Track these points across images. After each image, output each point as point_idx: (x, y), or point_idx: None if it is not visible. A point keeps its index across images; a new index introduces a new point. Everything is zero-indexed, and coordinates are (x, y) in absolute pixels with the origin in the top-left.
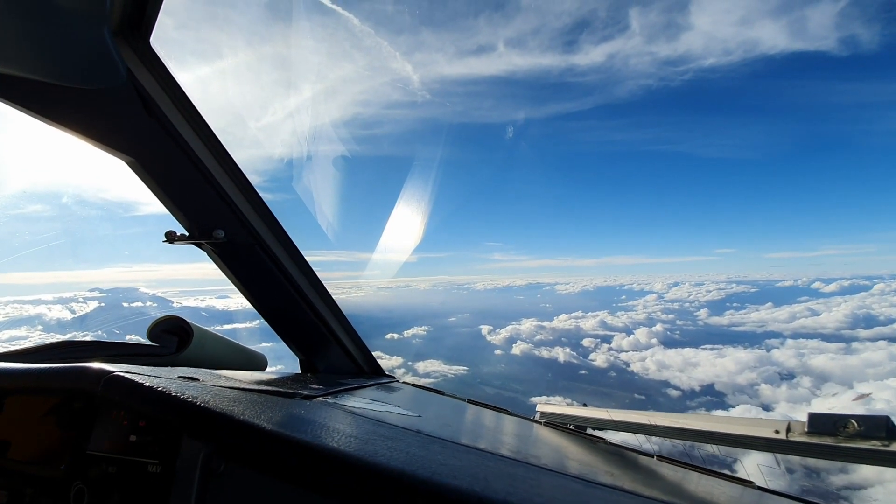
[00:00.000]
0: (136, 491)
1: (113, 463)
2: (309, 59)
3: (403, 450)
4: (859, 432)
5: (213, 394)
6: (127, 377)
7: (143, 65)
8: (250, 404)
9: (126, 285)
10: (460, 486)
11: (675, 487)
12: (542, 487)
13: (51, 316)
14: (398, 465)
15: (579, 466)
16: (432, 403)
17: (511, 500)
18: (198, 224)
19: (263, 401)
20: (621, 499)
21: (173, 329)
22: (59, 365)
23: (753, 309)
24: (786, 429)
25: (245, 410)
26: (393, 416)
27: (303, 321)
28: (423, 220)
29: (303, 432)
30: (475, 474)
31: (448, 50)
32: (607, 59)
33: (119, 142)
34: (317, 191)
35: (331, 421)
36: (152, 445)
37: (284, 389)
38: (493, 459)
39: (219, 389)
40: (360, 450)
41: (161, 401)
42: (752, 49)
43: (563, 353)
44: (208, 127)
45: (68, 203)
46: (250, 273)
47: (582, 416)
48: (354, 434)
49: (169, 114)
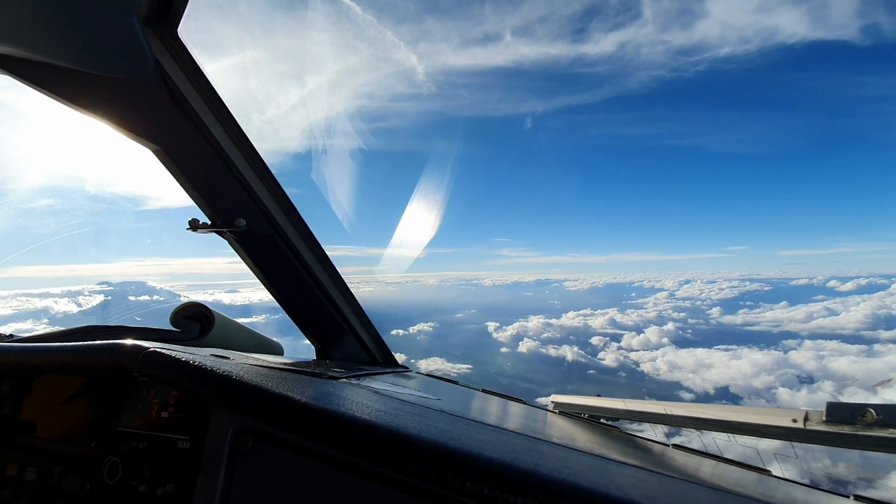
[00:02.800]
0: (166, 466)
1: (143, 439)
2: (316, 50)
3: (432, 424)
4: (878, 420)
5: (245, 370)
6: (164, 352)
7: (170, 55)
8: (281, 380)
9: (137, 279)
10: (491, 456)
11: (694, 473)
12: (568, 462)
13: (57, 309)
14: (430, 436)
15: (600, 449)
16: (449, 391)
17: (540, 469)
18: (220, 213)
19: (293, 378)
20: (648, 477)
21: (195, 315)
22: (95, 342)
23: (768, 308)
24: (803, 418)
25: (278, 385)
26: (416, 398)
27: (319, 310)
28: (431, 216)
29: (334, 405)
30: (503, 447)
31: (453, 39)
32: (618, 48)
33: (145, 130)
34: (326, 184)
35: (360, 398)
36: (182, 423)
37: (310, 370)
38: (518, 437)
39: (250, 367)
40: (393, 422)
41: (197, 375)
42: (771, 37)
43: (571, 352)
44: (232, 117)
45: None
46: (270, 261)
47: (596, 406)
48: (384, 410)
49: (194, 103)
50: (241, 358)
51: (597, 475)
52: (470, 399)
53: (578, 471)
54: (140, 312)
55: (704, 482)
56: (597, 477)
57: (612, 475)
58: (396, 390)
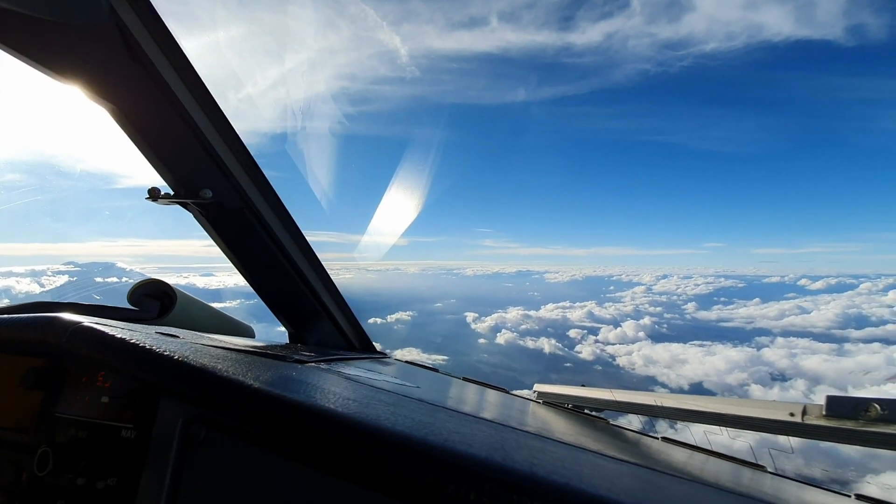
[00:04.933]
0: (106, 457)
1: (83, 427)
2: (294, 24)
3: (409, 416)
4: (882, 416)
5: (193, 350)
6: (96, 328)
7: (127, 2)
8: (236, 363)
9: (107, 259)
10: (479, 455)
11: (686, 468)
12: (564, 460)
13: (19, 289)
14: (404, 429)
15: (593, 443)
16: (429, 378)
17: (537, 471)
18: (183, 182)
19: (251, 360)
20: (649, 475)
21: (155, 293)
22: (26, 315)
23: (741, 304)
24: (801, 412)
25: (230, 368)
26: (391, 385)
27: (293, 292)
28: (413, 203)
29: (296, 392)
30: (492, 444)
31: (438, 21)
32: (605, 38)
33: (99, 85)
34: (305, 167)
35: (326, 384)
36: (127, 409)
37: (274, 353)
38: (506, 430)
39: (200, 347)
40: (361, 413)
41: (133, 354)
42: (756, 34)
43: (549, 344)
44: (198, 77)
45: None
46: (239, 237)
47: (580, 396)
48: (353, 398)
49: (154, 59)
50: (194, 337)
51: (598, 476)
52: (450, 387)
53: (577, 472)
54: (101, 292)
55: (698, 479)
56: (598, 479)
57: (614, 476)
58: (370, 376)
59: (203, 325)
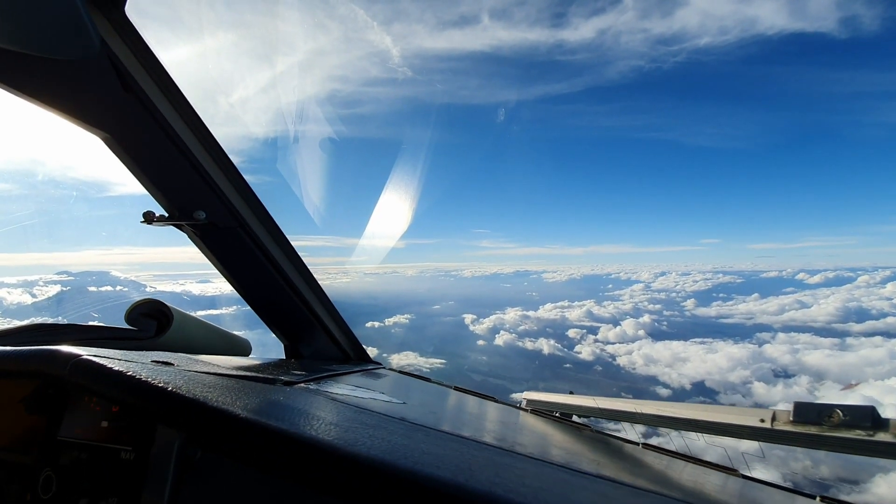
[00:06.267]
0: (108, 478)
1: (84, 449)
2: (283, 28)
3: (386, 438)
4: (844, 422)
5: (186, 379)
6: (95, 361)
7: (118, 35)
8: (226, 390)
9: (101, 268)
10: (443, 477)
11: (660, 475)
12: (527, 477)
13: (10, 300)
14: (379, 454)
15: (566, 455)
16: (418, 390)
17: (496, 490)
18: (177, 205)
19: (241, 387)
20: (606, 488)
21: (152, 312)
22: (27, 348)
23: (741, 300)
24: (771, 417)
25: (219, 397)
26: (377, 404)
27: (287, 306)
28: (409, 206)
29: (280, 420)
30: (459, 464)
31: (429, 20)
32: (598, 35)
33: (94, 117)
34: (299, 173)
35: (311, 408)
36: (126, 432)
37: (264, 375)
38: (479, 448)
39: (193, 374)
40: (340, 438)
41: (131, 386)
42: (750, 28)
43: (548, 345)
44: (188, 103)
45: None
46: (233, 256)
47: (568, 404)
48: (335, 422)
49: (146, 88)
50: (188, 364)
51: (557, 493)
52: (439, 400)
53: (537, 489)
54: (99, 308)
55: (672, 487)
56: (555, 496)
57: (572, 491)
58: (357, 395)
59: (199, 344)
